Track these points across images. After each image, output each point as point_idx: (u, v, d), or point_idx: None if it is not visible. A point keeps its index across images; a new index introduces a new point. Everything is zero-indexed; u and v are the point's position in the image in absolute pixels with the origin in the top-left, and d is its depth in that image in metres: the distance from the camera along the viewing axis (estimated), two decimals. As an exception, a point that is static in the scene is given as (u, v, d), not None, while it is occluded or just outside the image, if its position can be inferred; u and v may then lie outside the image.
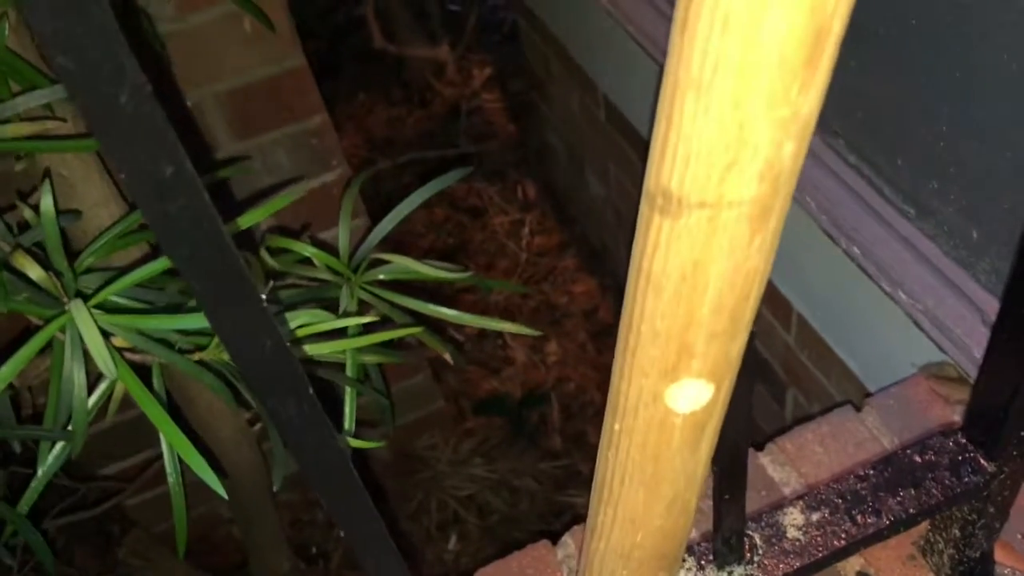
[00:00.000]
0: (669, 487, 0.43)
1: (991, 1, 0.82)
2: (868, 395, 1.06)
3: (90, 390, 0.81)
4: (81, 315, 0.62)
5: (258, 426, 1.31)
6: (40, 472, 0.81)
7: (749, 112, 0.29)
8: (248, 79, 1.42)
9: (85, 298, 0.65)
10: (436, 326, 1.03)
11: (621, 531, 0.45)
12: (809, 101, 0.29)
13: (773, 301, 1.45)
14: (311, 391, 0.43)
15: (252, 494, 1.38)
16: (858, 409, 1.03)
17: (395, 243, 2.01)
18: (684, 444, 0.41)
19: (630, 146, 1.82)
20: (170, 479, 0.85)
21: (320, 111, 1.52)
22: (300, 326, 0.70)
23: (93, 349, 0.61)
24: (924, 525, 0.90)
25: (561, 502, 1.96)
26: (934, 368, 1.05)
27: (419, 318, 0.95)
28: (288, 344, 0.40)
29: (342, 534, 0.65)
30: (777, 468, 1.00)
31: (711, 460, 0.44)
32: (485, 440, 2.10)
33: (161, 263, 0.67)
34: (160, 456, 1.14)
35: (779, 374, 1.59)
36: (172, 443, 0.64)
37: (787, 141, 0.30)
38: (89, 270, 0.80)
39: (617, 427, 0.42)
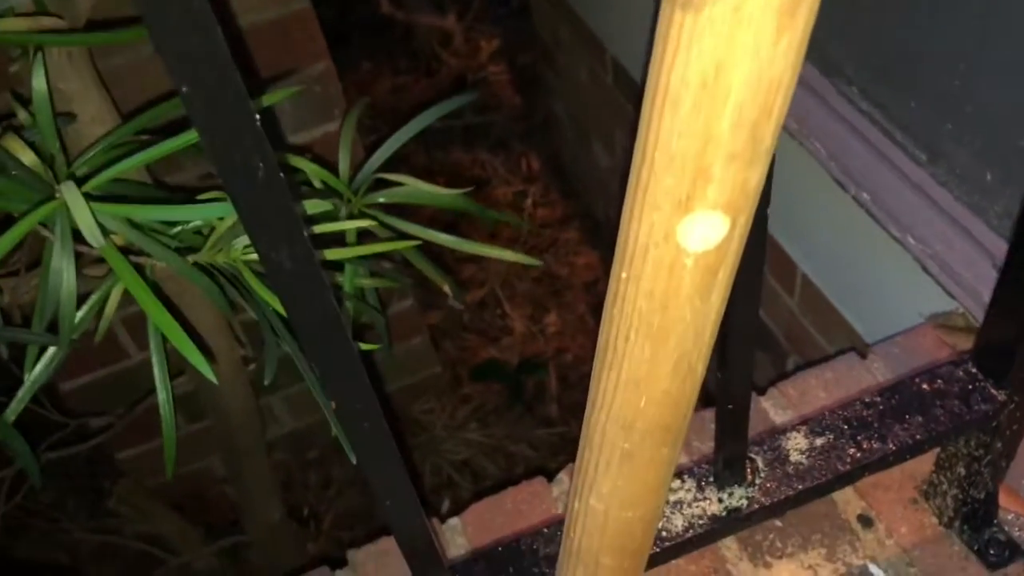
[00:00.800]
0: (676, 343, 0.41)
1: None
2: (856, 335, 1.04)
3: (83, 301, 0.79)
4: (72, 196, 0.60)
5: (251, 367, 1.29)
6: (27, 378, 0.79)
7: None
8: (251, 20, 1.39)
9: (78, 183, 0.63)
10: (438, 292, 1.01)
11: (624, 397, 0.44)
12: None
13: (778, 264, 1.43)
14: (308, 238, 0.41)
15: (244, 439, 1.36)
16: (863, 357, 1.02)
17: (397, 209, 1.99)
18: (695, 290, 0.39)
19: (636, 110, 1.80)
20: (160, 392, 0.83)
21: (324, 58, 1.50)
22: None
23: (83, 225, 0.59)
24: (927, 468, 0.88)
25: (556, 469, 1.94)
26: (941, 317, 1.03)
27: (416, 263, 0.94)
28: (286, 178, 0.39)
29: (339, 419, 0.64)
30: (779, 412, 0.98)
31: (720, 319, 0.42)
32: (481, 406, 2.08)
33: (153, 152, 0.65)
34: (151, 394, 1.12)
35: (781, 341, 1.57)
36: (161, 325, 0.62)
37: None
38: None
39: (624, 275, 0.40)
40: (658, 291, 0.39)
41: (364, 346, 0.74)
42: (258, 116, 0.36)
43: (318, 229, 0.72)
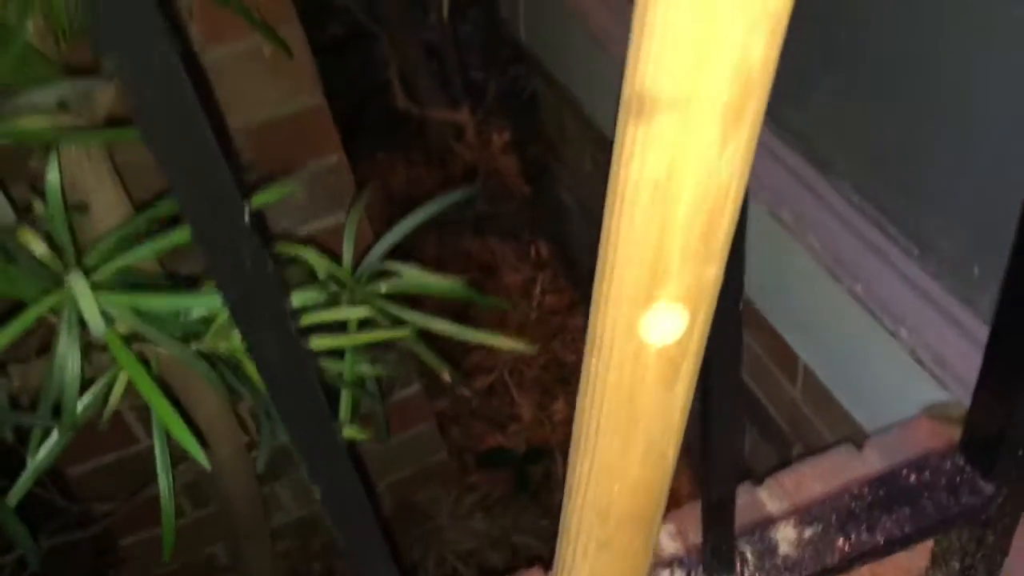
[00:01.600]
0: (645, 431, 0.42)
1: (994, 44, 0.84)
2: (856, 426, 1.05)
3: (91, 386, 0.82)
4: (79, 286, 0.63)
5: (254, 453, 1.30)
6: (30, 463, 0.81)
7: (719, 5, 0.30)
8: (269, 115, 1.45)
9: (89, 272, 0.66)
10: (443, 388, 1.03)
11: (597, 484, 0.45)
12: (776, -2, 0.30)
13: (780, 354, 1.44)
14: (295, 329, 0.44)
15: (246, 525, 1.37)
16: (859, 448, 1.02)
17: (410, 298, 2.03)
18: (659, 382, 0.40)
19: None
20: (160, 479, 0.84)
21: (337, 150, 1.55)
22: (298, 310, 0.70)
23: (87, 315, 0.61)
24: (923, 563, 0.87)
25: (562, 560, 1.92)
26: (937, 408, 1.03)
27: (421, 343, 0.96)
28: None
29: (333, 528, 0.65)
30: (775, 502, 0.98)
31: (688, 408, 0.43)
32: (488, 494, 2.07)
33: (160, 242, 0.68)
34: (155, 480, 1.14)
35: (784, 430, 1.57)
36: (158, 410, 0.64)
37: (758, 36, 0.31)
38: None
39: (593, 366, 0.41)
40: (624, 382, 0.41)
41: (352, 433, 0.75)
42: (247, 211, 0.39)
43: (318, 317, 0.74)
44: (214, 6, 1.10)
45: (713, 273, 0.38)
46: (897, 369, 1.07)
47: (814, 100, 1.15)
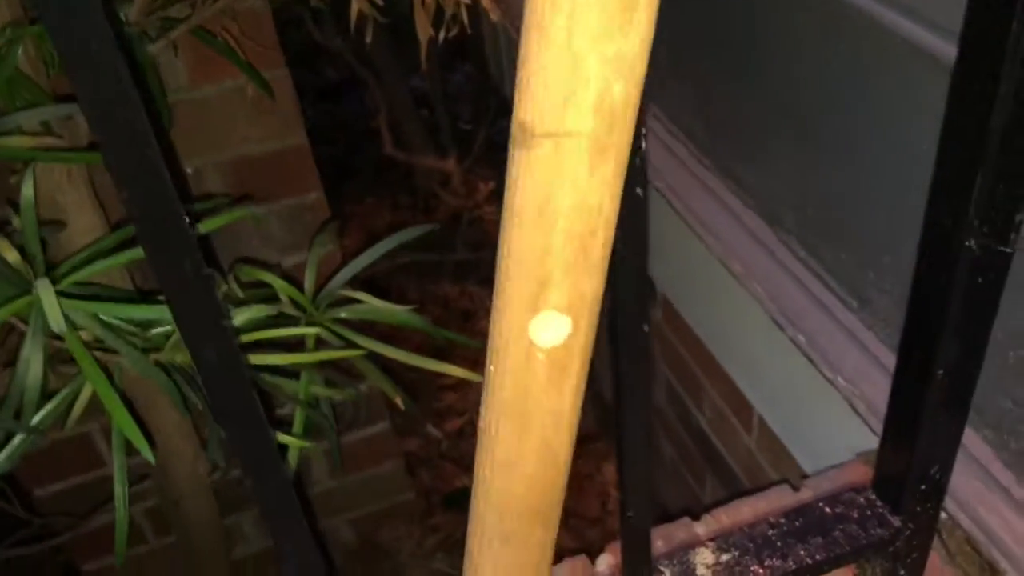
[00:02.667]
0: (539, 428, 0.47)
1: (930, 107, 0.90)
2: (805, 476, 1.09)
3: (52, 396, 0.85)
4: (45, 290, 0.67)
5: (216, 474, 1.33)
6: (-10, 464, 0.84)
7: (581, 48, 0.35)
8: (250, 151, 1.51)
9: (58, 282, 0.71)
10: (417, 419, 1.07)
11: (498, 481, 0.49)
12: (631, 42, 0.36)
13: (736, 403, 1.49)
14: (233, 337, 0.48)
15: (205, 548, 1.39)
16: (795, 489, 1.06)
17: (386, 335, 2.07)
18: (549, 382, 0.45)
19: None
20: (117, 489, 0.88)
21: (316, 188, 1.60)
22: (246, 323, 0.75)
23: (49, 314, 0.66)
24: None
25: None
26: (871, 455, 1.07)
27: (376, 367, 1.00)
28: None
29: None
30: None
31: (578, 409, 0.48)
32: (450, 536, 2.09)
33: (123, 256, 0.73)
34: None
35: (741, 479, 1.60)
36: (106, 402, 0.68)
37: (616, 78, 0.36)
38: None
39: (492, 367, 0.46)
40: (520, 383, 0.45)
41: (285, 439, 0.79)
42: (193, 227, 0.44)
43: (273, 334, 0.78)
44: (202, 45, 1.17)
45: (594, 285, 0.43)
46: (836, 417, 1.12)
47: (767, 161, 1.21)
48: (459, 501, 2.13)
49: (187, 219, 0.43)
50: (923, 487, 0.75)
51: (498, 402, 0.47)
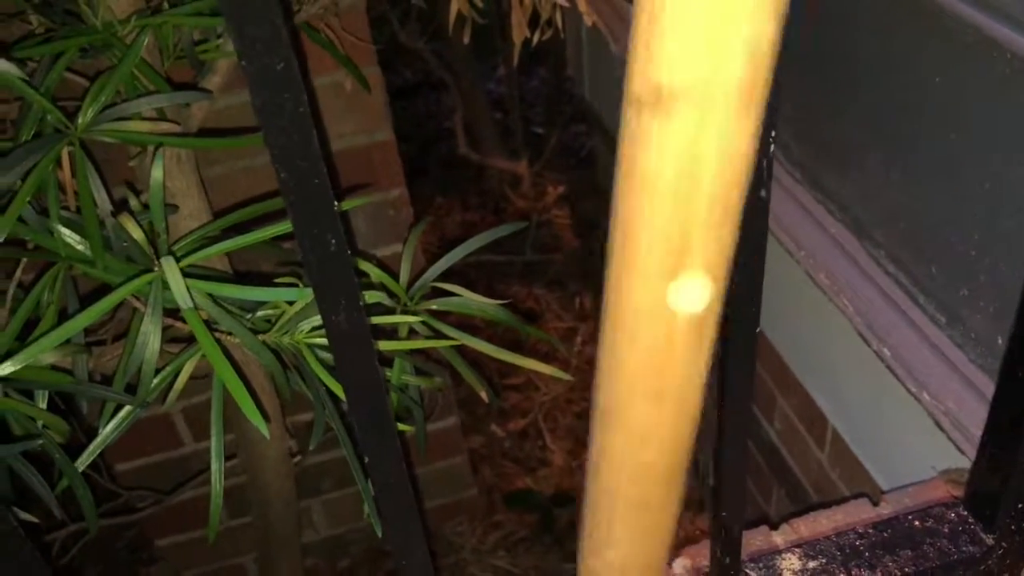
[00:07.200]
0: (677, 393, 0.47)
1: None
2: (882, 492, 1.08)
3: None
4: (170, 267, 0.71)
5: (297, 458, 1.37)
6: (101, 432, 0.88)
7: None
8: (343, 145, 1.55)
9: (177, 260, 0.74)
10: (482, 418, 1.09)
11: (632, 450, 0.50)
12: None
13: (809, 416, 1.48)
14: (364, 307, 0.51)
15: (281, 531, 1.43)
16: (875, 504, 1.05)
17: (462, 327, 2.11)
18: (688, 347, 0.45)
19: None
20: (213, 464, 0.91)
21: (400, 185, 1.64)
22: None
23: (176, 290, 0.69)
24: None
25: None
26: (954, 473, 1.06)
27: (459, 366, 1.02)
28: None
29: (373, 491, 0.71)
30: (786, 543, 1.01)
31: (710, 363, 0.48)
32: (512, 533, 2.11)
33: (241, 240, 0.76)
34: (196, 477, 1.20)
35: (810, 493, 1.59)
36: (224, 378, 0.71)
37: (763, 19, 0.35)
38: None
39: (619, 343, 0.47)
40: (656, 352, 0.45)
41: (400, 426, 0.82)
42: (336, 203, 0.46)
43: (374, 320, 0.81)
44: (304, 40, 1.20)
45: (731, 237, 0.42)
46: (917, 432, 1.11)
47: (858, 174, 1.21)
48: (521, 501, 2.15)
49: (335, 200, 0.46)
50: (1020, 506, 0.74)
51: (629, 375, 0.47)
